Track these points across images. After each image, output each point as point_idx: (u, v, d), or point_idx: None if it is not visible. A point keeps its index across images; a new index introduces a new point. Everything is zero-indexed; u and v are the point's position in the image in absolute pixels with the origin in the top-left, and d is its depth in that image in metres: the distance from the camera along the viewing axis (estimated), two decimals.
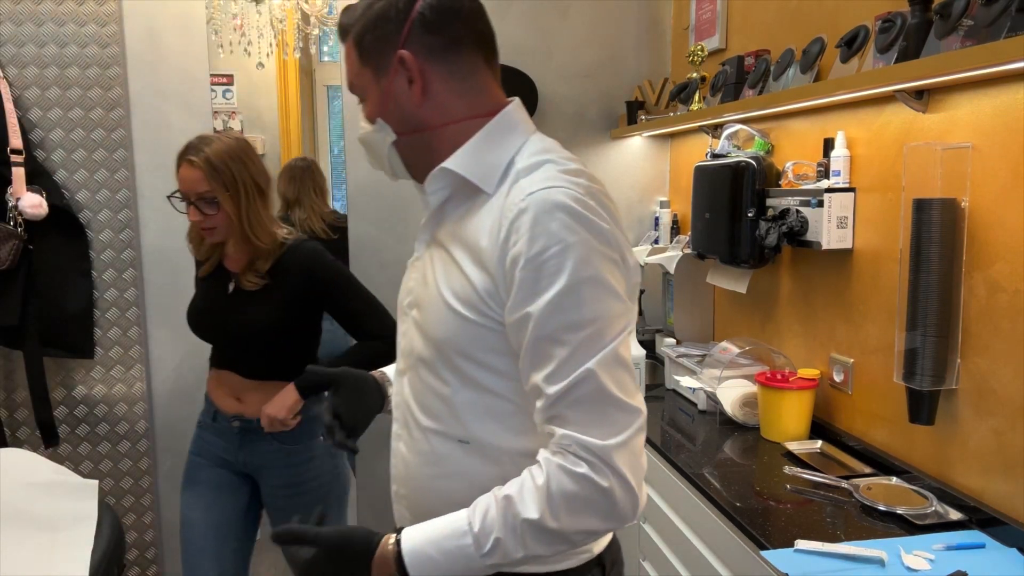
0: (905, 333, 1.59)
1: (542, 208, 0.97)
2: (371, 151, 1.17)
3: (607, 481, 0.94)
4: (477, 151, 1.09)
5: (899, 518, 1.53)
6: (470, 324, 1.05)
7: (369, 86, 1.12)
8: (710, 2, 2.58)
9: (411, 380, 1.16)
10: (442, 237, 1.13)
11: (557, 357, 0.96)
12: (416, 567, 0.98)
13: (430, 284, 1.11)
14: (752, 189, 2.07)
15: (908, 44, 1.49)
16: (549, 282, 0.96)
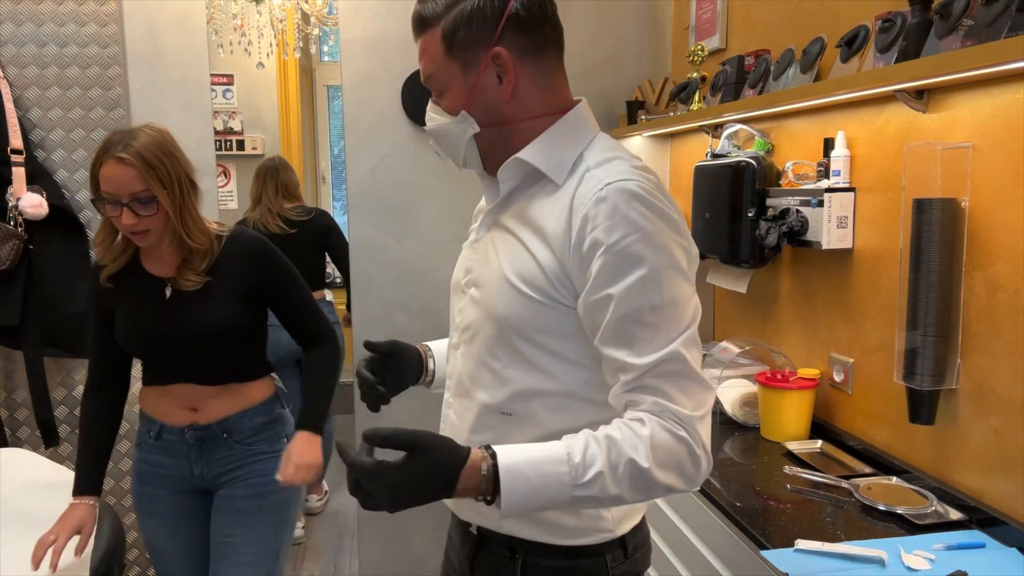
0: (905, 333, 1.59)
1: (621, 198, 1.05)
2: (445, 142, 1.21)
3: (700, 450, 1.03)
4: (550, 145, 1.17)
5: (899, 518, 1.53)
6: (531, 303, 1.12)
7: (454, 79, 1.15)
8: (710, 2, 2.58)
9: (464, 353, 1.24)
10: (507, 222, 1.20)
11: (642, 336, 1.03)
12: (510, 482, 1.00)
13: (492, 264, 1.18)
14: (752, 189, 2.07)
15: (908, 44, 1.49)
16: (632, 267, 1.03)
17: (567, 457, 1.01)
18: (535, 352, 1.14)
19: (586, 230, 1.06)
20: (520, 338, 1.14)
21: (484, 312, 1.18)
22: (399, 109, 2.84)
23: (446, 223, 2.89)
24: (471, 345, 1.22)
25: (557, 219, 1.10)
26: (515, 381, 1.16)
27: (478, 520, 1.25)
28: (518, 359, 1.15)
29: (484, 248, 1.23)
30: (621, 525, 1.22)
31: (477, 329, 1.20)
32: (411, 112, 2.83)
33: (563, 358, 1.14)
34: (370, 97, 2.82)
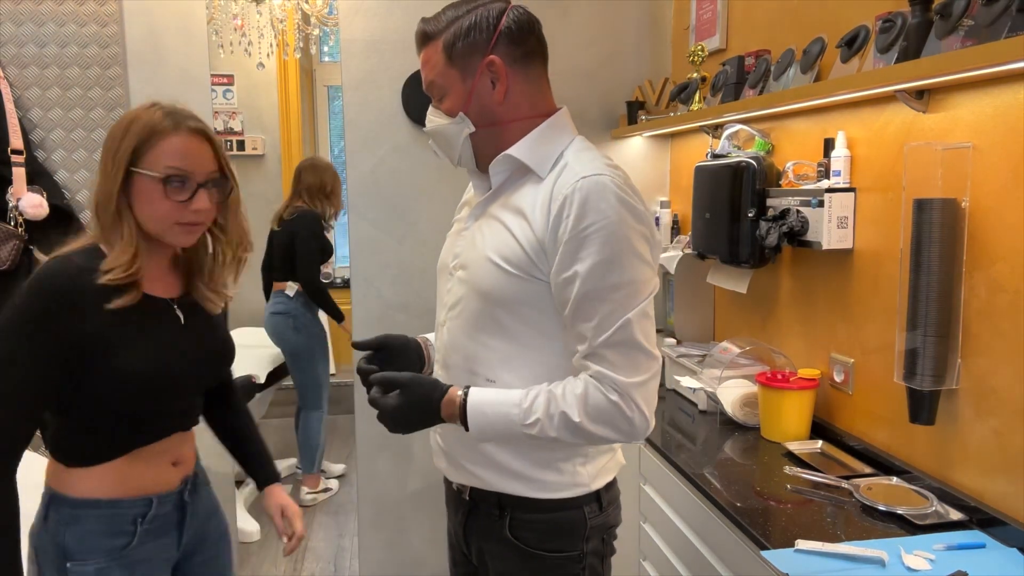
0: (905, 333, 1.59)
1: (593, 189, 1.21)
2: (443, 141, 1.38)
3: (631, 411, 1.23)
4: (536, 143, 1.33)
5: (899, 518, 1.53)
6: (512, 278, 1.28)
7: (454, 85, 1.33)
8: (710, 2, 2.58)
9: (450, 328, 1.40)
10: (494, 211, 1.36)
11: (600, 311, 1.21)
12: (473, 414, 1.27)
13: (478, 247, 1.35)
14: (752, 189, 2.07)
15: (908, 44, 1.49)
16: (596, 248, 1.20)
17: (519, 401, 1.26)
18: (515, 323, 1.31)
19: (562, 215, 1.22)
20: (502, 310, 1.31)
21: (470, 289, 1.35)
22: (399, 109, 2.84)
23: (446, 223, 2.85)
24: (457, 320, 1.38)
25: (540, 205, 1.27)
26: (497, 350, 1.33)
27: (471, 481, 1.41)
28: (499, 330, 1.32)
29: (471, 235, 1.39)
30: (596, 480, 1.39)
31: (464, 305, 1.36)
32: (411, 112, 2.83)
33: (538, 328, 1.31)
34: (370, 97, 2.82)
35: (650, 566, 2.08)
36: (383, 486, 2.96)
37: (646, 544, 2.11)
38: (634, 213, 1.23)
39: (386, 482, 2.96)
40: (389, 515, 2.99)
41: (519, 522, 1.38)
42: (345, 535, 3.69)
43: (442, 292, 1.46)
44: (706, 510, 1.72)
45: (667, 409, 2.37)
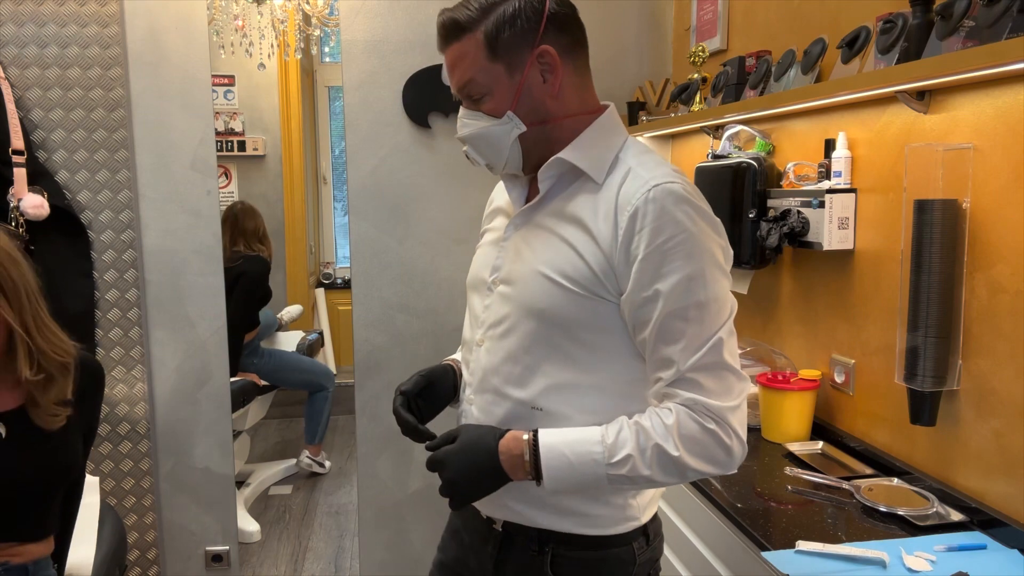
0: (906, 334, 1.59)
1: (669, 199, 1.10)
2: (486, 146, 1.22)
3: (729, 439, 1.11)
4: (589, 144, 1.21)
5: (900, 519, 1.53)
6: (573, 296, 1.16)
7: (499, 81, 1.18)
8: (711, 3, 2.58)
9: (490, 349, 1.26)
10: (543, 220, 1.24)
11: (688, 333, 1.10)
12: (549, 459, 1.13)
13: (528, 261, 1.22)
14: (753, 190, 2.07)
15: (909, 45, 1.49)
16: (679, 265, 1.09)
17: (601, 438, 1.12)
18: (572, 346, 1.18)
19: (635, 228, 1.10)
20: (560, 331, 1.18)
21: (519, 307, 1.21)
22: (400, 110, 2.84)
23: (447, 224, 2.89)
24: (503, 340, 1.24)
25: (604, 216, 1.14)
26: (550, 375, 1.19)
27: (506, 515, 1.27)
28: (554, 353, 1.19)
29: (514, 246, 1.26)
30: (646, 512, 1.29)
31: (512, 324, 1.22)
32: (412, 113, 2.83)
33: (600, 352, 1.18)
34: (371, 98, 2.82)
35: None
36: (383, 486, 2.97)
37: None
38: (712, 224, 1.13)
39: (386, 483, 2.96)
40: (389, 515, 2.99)
41: (563, 559, 1.24)
42: (345, 535, 3.69)
43: (478, 309, 1.31)
44: (706, 511, 1.72)
45: None
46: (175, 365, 2.77)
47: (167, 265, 2.72)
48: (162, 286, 2.72)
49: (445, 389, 1.36)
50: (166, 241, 2.70)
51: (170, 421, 2.78)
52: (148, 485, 2.80)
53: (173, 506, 2.82)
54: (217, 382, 2.80)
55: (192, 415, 2.80)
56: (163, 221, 2.70)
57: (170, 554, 2.85)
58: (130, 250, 2.69)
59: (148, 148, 2.68)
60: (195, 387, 2.79)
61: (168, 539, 2.84)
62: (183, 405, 2.78)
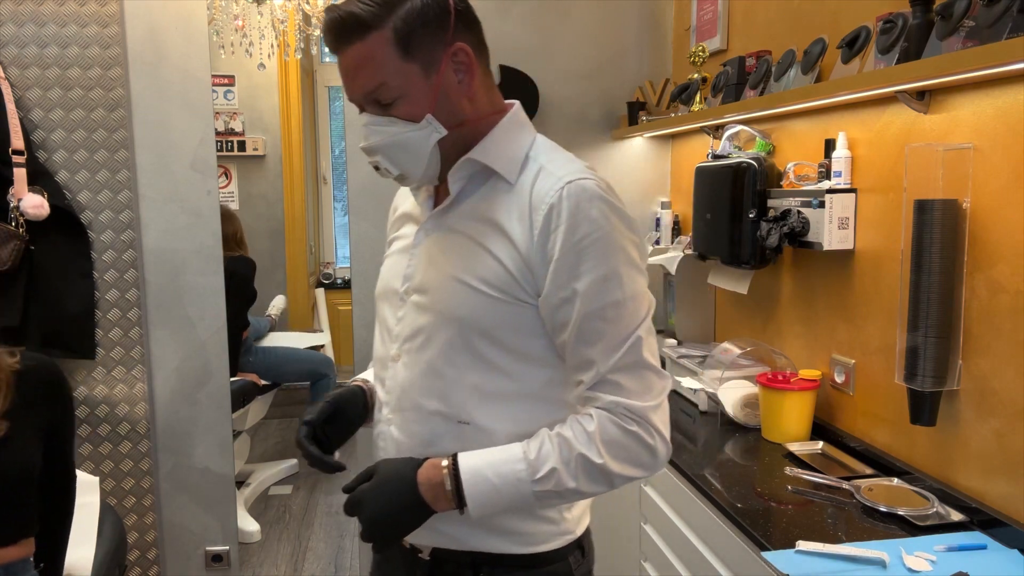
0: (906, 334, 1.59)
1: (583, 196, 1.07)
2: (403, 154, 1.13)
3: (652, 439, 1.08)
4: (499, 143, 1.16)
5: (900, 519, 1.53)
6: (492, 302, 1.11)
7: (414, 82, 1.09)
8: (711, 3, 2.58)
9: (408, 363, 1.19)
10: (455, 223, 1.17)
11: (606, 332, 1.07)
12: (472, 484, 1.07)
13: (442, 267, 1.16)
14: (753, 190, 2.07)
15: (909, 45, 1.49)
16: (594, 264, 1.06)
17: (523, 455, 1.08)
18: (496, 353, 1.13)
19: (550, 227, 1.07)
20: (482, 339, 1.12)
21: (438, 316, 1.15)
22: None
23: None
24: (421, 353, 1.17)
25: (519, 216, 1.10)
26: (474, 386, 1.14)
27: (435, 540, 1.19)
28: (477, 362, 1.13)
29: (426, 253, 1.19)
30: (580, 525, 1.24)
31: (430, 335, 1.16)
32: None
33: (524, 357, 1.14)
34: None
35: (651, 567, 2.08)
36: None
37: (647, 545, 2.11)
38: (625, 220, 1.10)
39: None
40: None
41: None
42: (345, 535, 3.69)
43: (390, 321, 1.23)
44: (707, 511, 1.72)
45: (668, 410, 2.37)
46: (175, 365, 2.77)
47: (167, 265, 2.71)
48: (162, 286, 2.72)
49: (354, 413, 1.27)
50: (166, 241, 2.70)
51: (170, 421, 2.78)
52: (148, 485, 2.79)
53: (173, 506, 2.82)
54: (217, 382, 2.80)
55: (192, 415, 2.79)
56: (163, 221, 2.70)
57: (170, 554, 2.85)
58: (130, 250, 2.69)
59: (148, 148, 2.68)
60: (195, 387, 2.79)
61: (168, 539, 2.84)
62: (183, 405, 2.78)
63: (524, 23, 2.88)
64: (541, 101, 2.89)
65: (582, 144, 2.96)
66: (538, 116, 2.89)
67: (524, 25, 2.89)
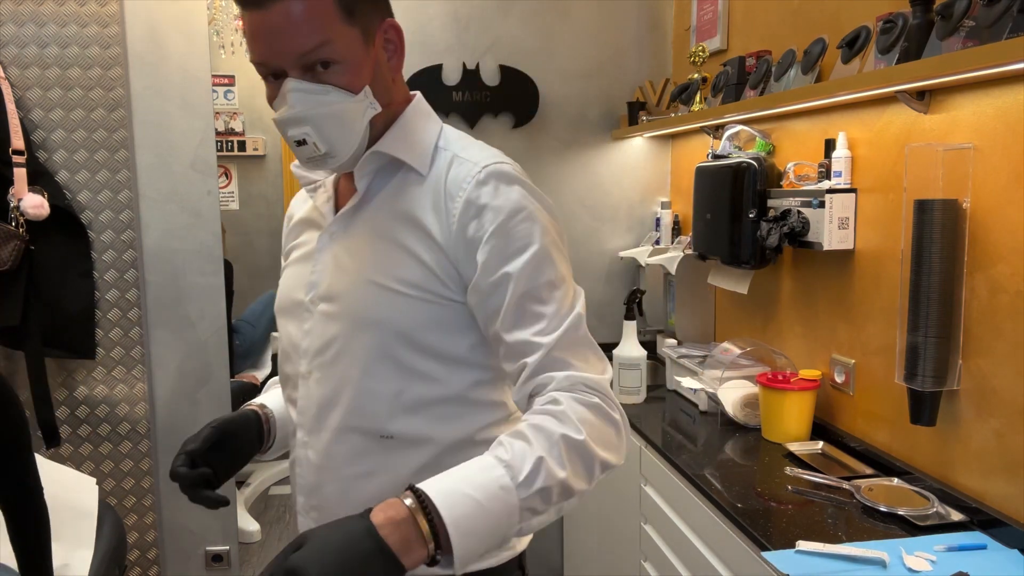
0: (906, 334, 1.59)
1: (503, 180, 1.02)
2: (339, 126, 1.01)
3: (615, 412, 1.00)
4: (407, 133, 1.08)
5: (900, 519, 1.53)
6: (413, 302, 1.03)
7: (355, 49, 1.00)
8: (711, 3, 2.58)
9: (320, 379, 1.09)
10: (365, 223, 1.08)
11: (545, 313, 1.00)
12: (451, 507, 0.85)
13: (352, 272, 1.06)
14: (753, 190, 2.07)
15: (909, 45, 1.49)
16: (524, 244, 1.00)
17: (496, 460, 0.90)
18: (418, 357, 1.04)
19: (470, 214, 1.01)
20: (402, 343, 1.03)
21: (352, 323, 1.05)
22: None
23: None
24: (336, 366, 1.07)
25: (434, 208, 1.03)
26: (397, 394, 1.04)
27: None
28: (398, 369, 1.04)
29: (332, 258, 1.09)
30: (521, 543, 1.15)
31: (344, 345, 1.06)
32: None
33: (449, 360, 1.05)
34: None
35: (651, 567, 2.08)
36: None
37: (647, 545, 2.11)
38: (546, 204, 1.05)
39: None
40: None
41: None
42: None
43: (296, 336, 1.12)
44: (707, 511, 1.72)
45: (668, 410, 2.37)
46: (175, 365, 2.77)
47: (167, 265, 2.71)
48: (162, 286, 2.72)
49: (246, 440, 1.16)
50: (166, 241, 2.70)
51: (170, 421, 2.78)
52: (148, 485, 2.79)
53: (173, 506, 2.82)
54: (217, 382, 2.80)
55: (192, 415, 2.79)
56: (163, 221, 2.70)
57: (170, 554, 2.84)
58: (130, 250, 2.69)
59: (148, 148, 2.68)
60: (195, 387, 2.78)
61: (168, 539, 2.84)
62: (183, 405, 2.77)
63: (524, 23, 2.88)
64: (541, 101, 2.89)
65: (582, 144, 2.96)
66: (538, 116, 2.89)
67: (524, 25, 2.88)
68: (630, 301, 2.44)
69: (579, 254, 2.99)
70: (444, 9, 2.81)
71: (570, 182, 2.97)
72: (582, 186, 2.98)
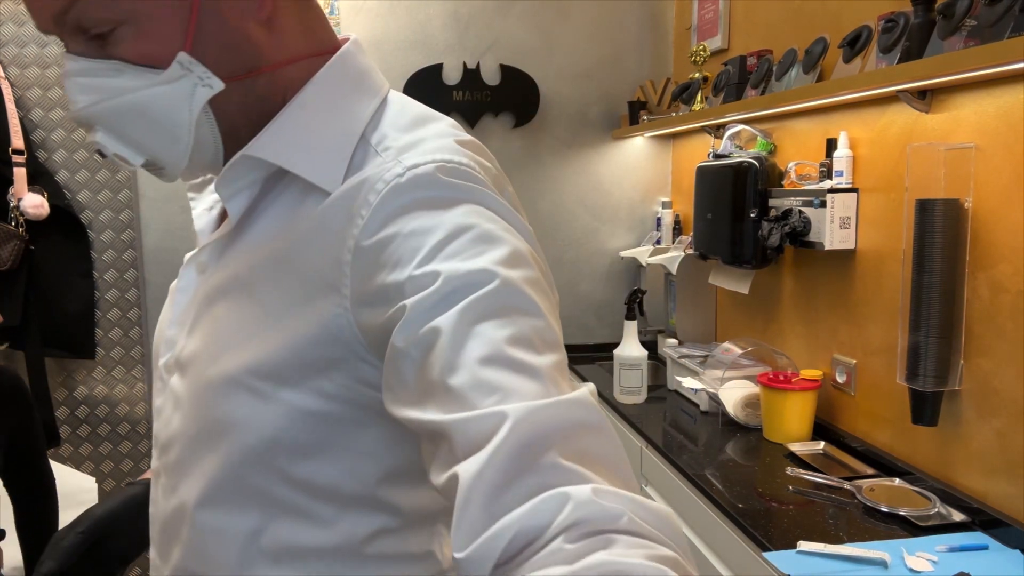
0: (908, 334, 1.58)
1: (435, 187, 0.62)
2: (145, 124, 0.67)
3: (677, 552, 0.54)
4: (308, 122, 0.68)
5: (902, 519, 1.53)
6: (291, 409, 0.66)
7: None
8: (712, 2, 2.58)
9: (165, 490, 0.76)
10: (238, 260, 0.71)
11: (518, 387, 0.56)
12: None
13: (210, 341, 0.70)
14: (755, 189, 2.07)
15: (911, 44, 1.48)
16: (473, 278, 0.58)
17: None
18: (289, 488, 0.68)
19: (376, 243, 0.62)
20: (263, 465, 0.67)
21: (195, 421, 0.70)
22: None
23: None
24: (175, 476, 0.73)
25: (337, 243, 0.64)
26: (252, 535, 0.69)
27: None
28: (258, 500, 0.69)
29: (196, 308, 0.73)
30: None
31: (183, 454, 0.71)
32: None
33: (342, 495, 0.69)
34: None
35: None
36: None
37: None
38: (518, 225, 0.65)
39: None
40: None
41: None
42: None
43: (155, 405, 0.78)
44: (708, 511, 1.72)
45: (669, 410, 2.37)
46: None
47: (167, 265, 2.71)
48: (162, 286, 2.72)
49: (137, 533, 0.85)
50: (166, 241, 2.70)
51: None
52: None
53: None
54: None
55: None
56: (163, 221, 2.69)
57: None
58: (130, 250, 2.69)
59: None
60: None
61: None
62: None
63: (524, 22, 2.88)
64: (541, 101, 2.89)
65: (583, 144, 2.96)
66: (538, 116, 2.89)
67: (524, 24, 2.88)
68: (631, 301, 2.44)
69: (579, 254, 2.99)
70: (444, 8, 2.80)
71: (571, 182, 2.97)
72: (583, 186, 2.98)
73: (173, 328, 0.76)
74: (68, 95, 0.67)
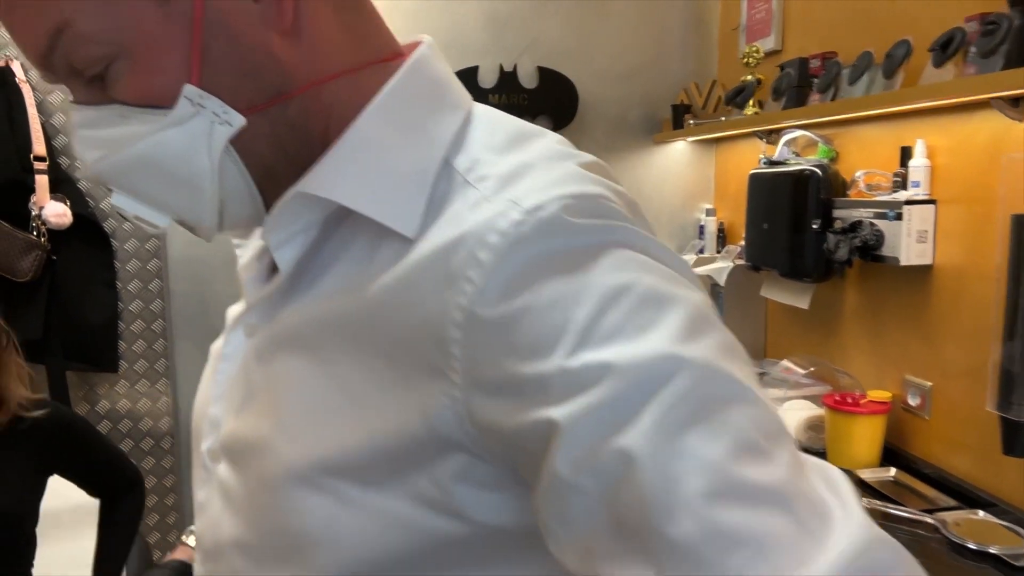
0: (1000, 358, 1.48)
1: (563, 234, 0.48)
2: (157, 177, 0.54)
3: None
4: (371, 150, 0.54)
5: (994, 558, 1.42)
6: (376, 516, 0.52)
7: (137, 21, 0.50)
8: (764, 1, 2.47)
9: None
10: (296, 323, 0.57)
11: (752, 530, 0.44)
12: None
13: (267, 425, 0.56)
14: (817, 199, 1.96)
15: (1011, 48, 1.38)
16: (647, 376, 0.45)
17: None
18: None
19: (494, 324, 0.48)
20: None
21: (259, 530, 0.56)
22: None
23: None
24: None
25: (435, 297, 0.50)
26: None
27: None
28: None
29: (245, 377, 0.61)
30: None
31: (240, 569, 0.58)
32: None
33: None
34: None
35: None
36: None
37: None
38: (676, 264, 0.52)
39: None
40: None
41: None
42: None
43: (199, 496, 0.64)
44: None
45: None
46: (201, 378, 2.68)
47: (193, 275, 2.63)
48: (188, 297, 2.63)
49: None
50: (192, 250, 2.61)
51: None
52: (172, 502, 2.71)
53: None
54: None
55: None
56: None
57: None
58: (155, 259, 2.60)
59: None
60: None
61: None
62: None
63: (562, 23, 2.78)
64: (580, 104, 2.79)
65: (622, 148, 2.86)
66: (577, 119, 2.79)
67: (562, 25, 2.78)
68: None
69: None
70: (480, 9, 2.70)
71: None
72: None
73: (218, 405, 0.62)
74: (80, 155, 0.56)
